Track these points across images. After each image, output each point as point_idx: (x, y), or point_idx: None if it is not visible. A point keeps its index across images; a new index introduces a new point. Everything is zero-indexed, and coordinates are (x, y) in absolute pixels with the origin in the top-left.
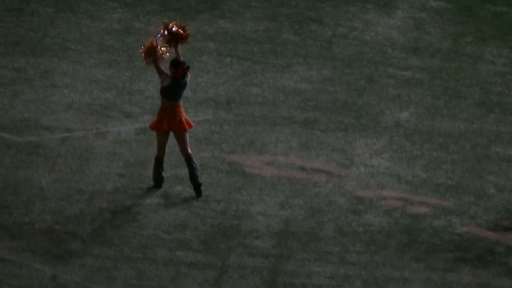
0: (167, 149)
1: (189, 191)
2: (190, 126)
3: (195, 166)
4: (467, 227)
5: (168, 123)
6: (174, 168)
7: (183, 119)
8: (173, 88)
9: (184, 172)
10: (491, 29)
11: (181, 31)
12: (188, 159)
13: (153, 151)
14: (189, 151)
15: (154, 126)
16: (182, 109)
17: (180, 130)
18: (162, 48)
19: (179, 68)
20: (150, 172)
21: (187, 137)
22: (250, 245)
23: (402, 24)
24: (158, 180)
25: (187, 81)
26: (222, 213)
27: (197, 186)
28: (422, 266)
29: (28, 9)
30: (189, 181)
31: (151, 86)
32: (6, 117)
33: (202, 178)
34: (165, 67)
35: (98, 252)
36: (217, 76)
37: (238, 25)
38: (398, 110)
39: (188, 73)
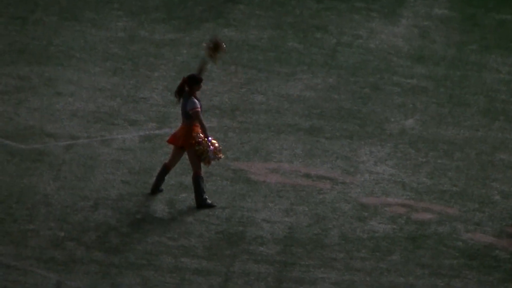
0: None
1: (194, 198)
2: (187, 147)
3: (198, 186)
4: (471, 233)
5: (174, 136)
6: (178, 175)
7: (184, 137)
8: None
9: (189, 179)
10: (495, 37)
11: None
12: (193, 177)
13: (157, 158)
14: (196, 169)
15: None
16: (188, 128)
17: (181, 146)
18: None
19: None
20: (154, 179)
21: (193, 156)
22: (255, 252)
23: (407, 32)
24: (156, 182)
25: (185, 101)
26: (227, 220)
27: (198, 206)
28: (427, 272)
29: (32, 17)
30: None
31: (155, 94)
32: (10, 124)
33: (207, 186)
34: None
35: (102, 259)
36: (222, 84)
37: (242, 33)
38: (403, 118)
39: (187, 88)
